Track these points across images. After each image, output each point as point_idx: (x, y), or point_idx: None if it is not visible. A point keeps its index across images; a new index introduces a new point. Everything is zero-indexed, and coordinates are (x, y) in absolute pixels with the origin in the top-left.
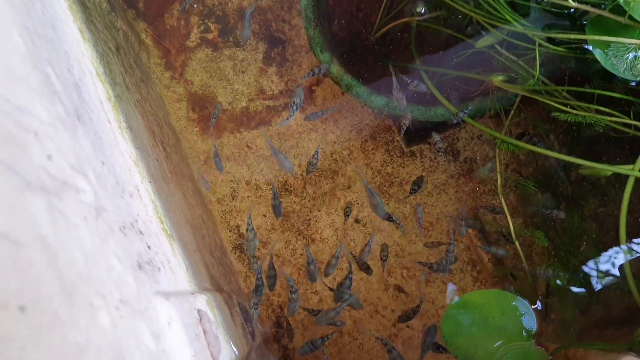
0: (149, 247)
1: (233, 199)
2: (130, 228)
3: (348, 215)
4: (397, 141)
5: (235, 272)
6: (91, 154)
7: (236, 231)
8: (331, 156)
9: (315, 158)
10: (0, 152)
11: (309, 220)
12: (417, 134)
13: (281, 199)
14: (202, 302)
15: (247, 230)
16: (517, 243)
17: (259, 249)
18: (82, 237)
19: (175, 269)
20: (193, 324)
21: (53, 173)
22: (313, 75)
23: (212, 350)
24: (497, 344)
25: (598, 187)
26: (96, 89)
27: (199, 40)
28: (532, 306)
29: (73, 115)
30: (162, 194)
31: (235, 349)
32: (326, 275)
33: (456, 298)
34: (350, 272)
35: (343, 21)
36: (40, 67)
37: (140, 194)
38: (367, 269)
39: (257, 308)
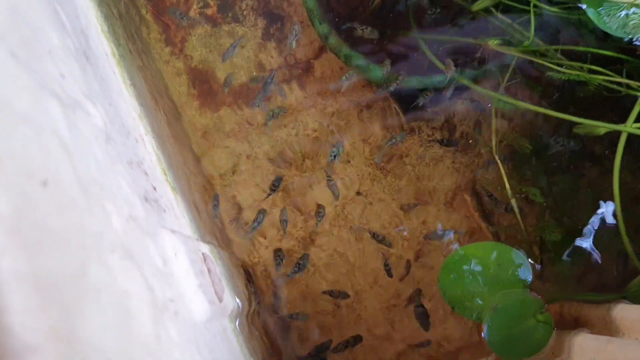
0: (154, 188)
1: (233, 173)
2: (137, 166)
3: (321, 217)
4: (396, 116)
5: (235, 242)
6: (99, 92)
7: (237, 207)
8: (328, 127)
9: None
10: (21, 53)
11: (306, 194)
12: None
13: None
14: (206, 249)
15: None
16: (512, 201)
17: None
18: (95, 151)
19: (179, 216)
20: (198, 260)
21: (66, 89)
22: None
23: (216, 288)
24: (493, 294)
25: (593, 158)
26: (102, 43)
27: (198, 16)
28: (530, 261)
29: (81, 53)
30: (166, 152)
31: (237, 301)
32: None
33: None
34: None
35: None
36: (51, 1)
37: (145, 143)
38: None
39: None
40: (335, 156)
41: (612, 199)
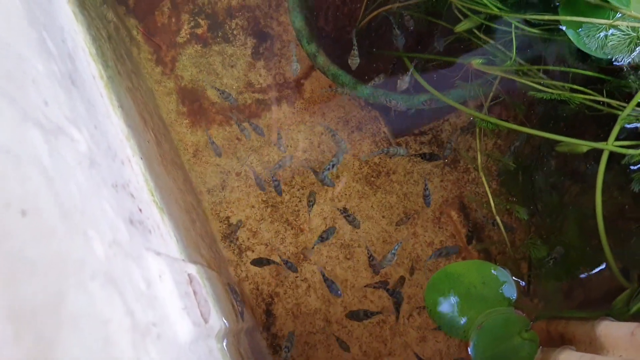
0: (140, 209)
1: (223, 189)
2: (122, 188)
3: (312, 205)
4: (384, 132)
5: (225, 260)
6: (85, 115)
7: (226, 222)
8: (318, 147)
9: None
10: (3, 84)
11: (298, 210)
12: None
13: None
14: (192, 269)
15: None
16: (497, 218)
17: (248, 239)
18: (77, 177)
19: (165, 237)
20: (183, 282)
21: (49, 116)
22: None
23: (202, 310)
24: (478, 313)
25: (577, 175)
26: (89, 66)
27: (188, 36)
28: (514, 278)
29: (67, 78)
30: (153, 172)
31: (224, 320)
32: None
33: None
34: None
35: (329, 15)
36: (37, 28)
37: (131, 164)
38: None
39: None
40: (333, 165)
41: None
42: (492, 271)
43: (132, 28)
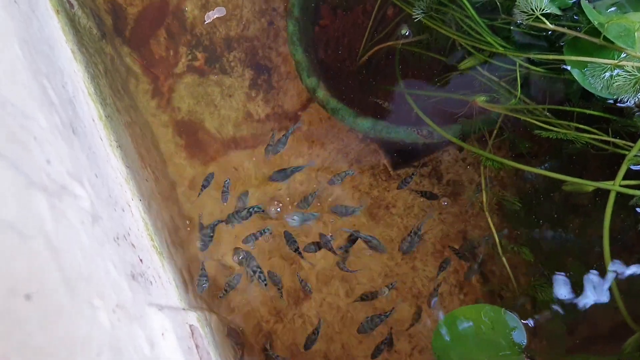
0: (140, 260)
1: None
2: (123, 239)
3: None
4: (383, 165)
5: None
6: (86, 165)
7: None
8: (316, 179)
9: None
10: (6, 150)
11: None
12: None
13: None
14: (193, 318)
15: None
16: (504, 259)
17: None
18: (81, 239)
19: (166, 285)
20: (186, 337)
21: (53, 176)
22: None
23: None
24: (488, 358)
25: (581, 207)
26: (89, 107)
27: (186, 68)
28: (523, 321)
29: (69, 127)
30: (152, 213)
31: None
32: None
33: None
34: None
35: (329, 48)
36: (39, 78)
37: (131, 209)
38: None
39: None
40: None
41: (602, 249)
42: (502, 316)
43: (126, 56)
